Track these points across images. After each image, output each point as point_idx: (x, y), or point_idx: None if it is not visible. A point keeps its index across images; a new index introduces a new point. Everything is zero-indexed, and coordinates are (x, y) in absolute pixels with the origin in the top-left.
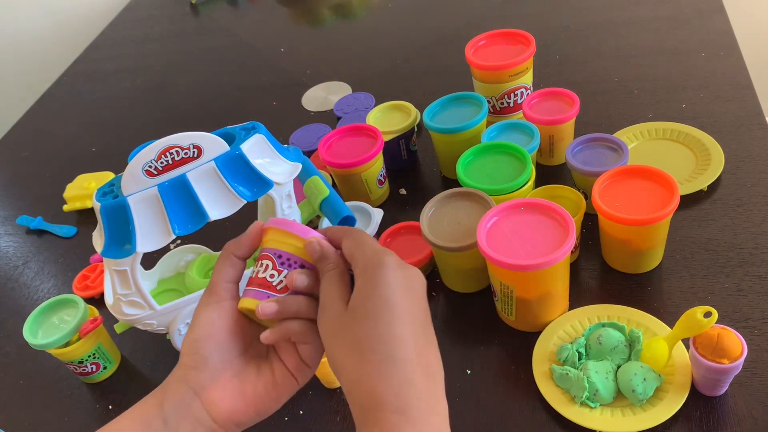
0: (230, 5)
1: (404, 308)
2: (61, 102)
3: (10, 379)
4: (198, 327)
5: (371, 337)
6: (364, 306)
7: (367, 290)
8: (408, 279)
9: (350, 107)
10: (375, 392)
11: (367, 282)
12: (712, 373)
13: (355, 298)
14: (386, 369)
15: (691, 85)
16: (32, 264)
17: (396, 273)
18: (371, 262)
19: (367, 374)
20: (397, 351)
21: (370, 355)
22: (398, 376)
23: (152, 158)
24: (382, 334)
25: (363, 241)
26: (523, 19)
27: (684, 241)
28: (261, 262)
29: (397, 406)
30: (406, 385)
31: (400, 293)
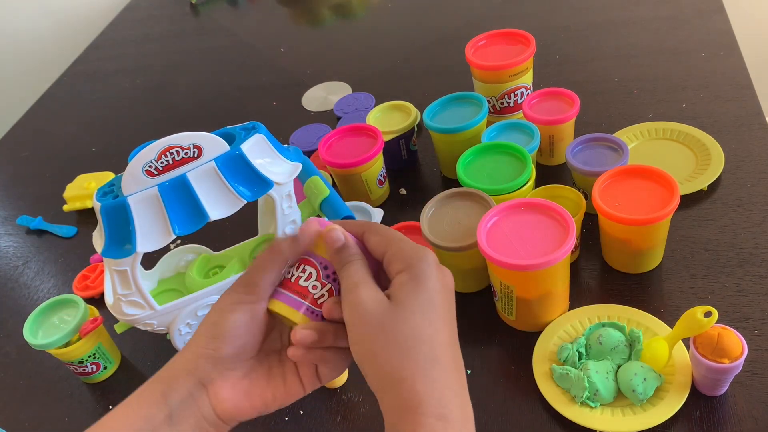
0: (230, 5)
1: (444, 309)
2: (61, 102)
3: (11, 379)
4: (226, 321)
5: (416, 335)
6: (411, 301)
7: (413, 286)
8: (446, 279)
9: (350, 107)
10: (417, 394)
11: (413, 277)
12: (713, 372)
13: (401, 292)
14: (430, 371)
15: (691, 85)
16: (32, 264)
17: (438, 273)
18: (415, 256)
19: (411, 374)
20: (440, 353)
21: (416, 354)
22: (441, 380)
23: (152, 158)
24: (426, 333)
25: (395, 235)
26: (523, 19)
27: (684, 241)
28: (303, 266)
29: (439, 411)
30: (447, 390)
31: (442, 294)
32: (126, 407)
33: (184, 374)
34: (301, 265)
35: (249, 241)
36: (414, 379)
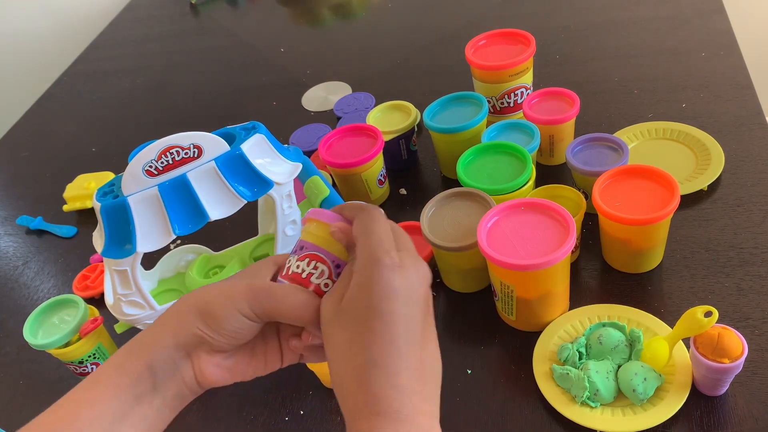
0: (230, 5)
1: (396, 314)
2: (61, 102)
3: (11, 379)
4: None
5: (355, 340)
6: (352, 308)
7: (357, 292)
8: (406, 280)
9: (350, 107)
10: (355, 395)
11: (360, 283)
12: (713, 372)
13: (347, 298)
14: (368, 373)
15: (691, 85)
16: (32, 264)
17: (393, 275)
18: (369, 258)
19: (350, 376)
20: (379, 356)
21: (354, 357)
22: (378, 380)
23: (152, 158)
24: (365, 339)
25: (369, 228)
26: (523, 19)
27: (684, 241)
28: (315, 263)
29: (377, 409)
30: (387, 388)
31: (392, 298)
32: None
33: (173, 347)
34: (312, 261)
35: (249, 241)
36: (352, 381)
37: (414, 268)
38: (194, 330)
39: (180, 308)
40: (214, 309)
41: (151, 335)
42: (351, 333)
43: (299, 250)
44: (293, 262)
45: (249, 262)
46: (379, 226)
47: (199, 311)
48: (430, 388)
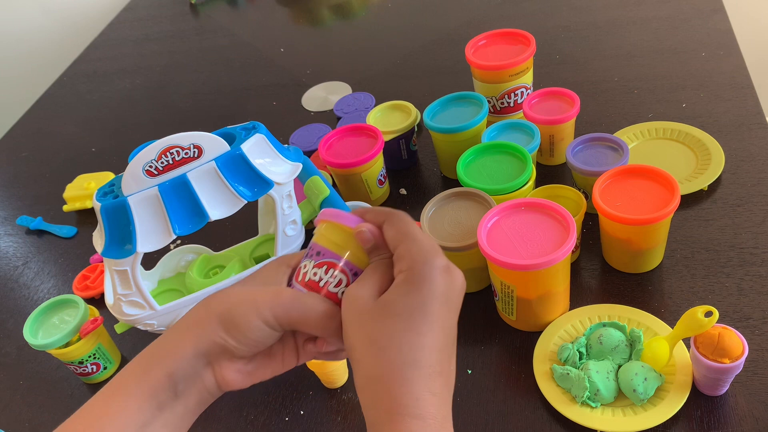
0: (230, 5)
1: (439, 316)
2: (61, 102)
3: (11, 379)
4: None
5: (397, 337)
6: (397, 303)
7: (407, 289)
8: (450, 285)
9: (350, 107)
10: (395, 394)
11: (410, 280)
12: (713, 372)
13: (392, 293)
14: (410, 373)
15: (691, 85)
16: (32, 264)
17: (441, 278)
18: (420, 258)
19: (389, 374)
20: (423, 358)
21: (394, 355)
22: (421, 382)
23: (153, 158)
24: (410, 337)
25: (409, 232)
26: (523, 19)
27: (684, 241)
28: (333, 271)
29: (417, 412)
30: (427, 392)
31: (439, 300)
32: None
33: (193, 355)
34: (330, 269)
35: (249, 241)
36: (392, 379)
37: (459, 275)
38: (216, 339)
39: (201, 315)
40: (237, 318)
41: (171, 342)
42: (394, 330)
43: (315, 255)
44: (309, 268)
45: (249, 263)
46: (419, 231)
47: (220, 320)
48: (451, 397)
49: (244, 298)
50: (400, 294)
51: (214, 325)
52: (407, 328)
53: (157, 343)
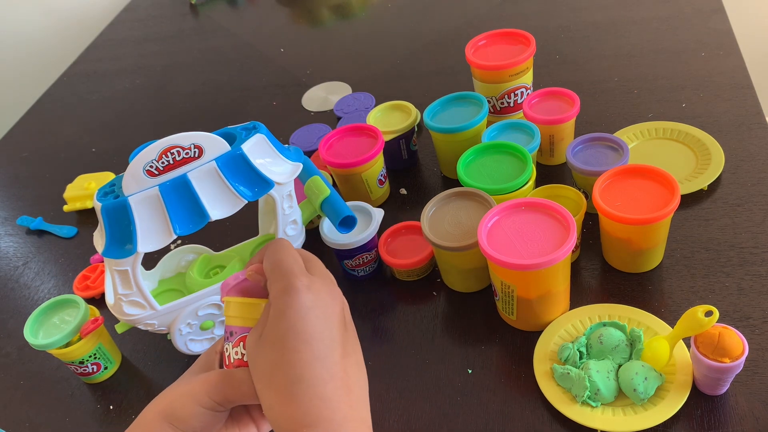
0: (230, 5)
1: (313, 331)
2: (61, 102)
3: (11, 379)
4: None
5: (277, 363)
6: (271, 335)
7: (275, 318)
8: (318, 299)
9: (350, 107)
10: (286, 414)
11: (275, 310)
12: (713, 372)
13: (267, 327)
14: (294, 390)
15: (691, 85)
16: (32, 264)
17: (305, 297)
18: (281, 287)
19: (277, 399)
20: (304, 372)
21: (278, 380)
22: (307, 394)
23: (153, 158)
24: (288, 359)
25: (276, 262)
26: (523, 19)
27: (684, 241)
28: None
29: (307, 421)
30: (315, 400)
31: (309, 317)
32: None
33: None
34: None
35: (249, 241)
36: (281, 402)
37: (325, 288)
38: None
39: (146, 418)
40: (178, 411)
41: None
42: (274, 358)
43: (230, 336)
44: (230, 351)
45: None
46: (286, 255)
47: (164, 416)
48: (356, 396)
49: (181, 390)
50: (272, 325)
51: (159, 423)
52: (284, 351)
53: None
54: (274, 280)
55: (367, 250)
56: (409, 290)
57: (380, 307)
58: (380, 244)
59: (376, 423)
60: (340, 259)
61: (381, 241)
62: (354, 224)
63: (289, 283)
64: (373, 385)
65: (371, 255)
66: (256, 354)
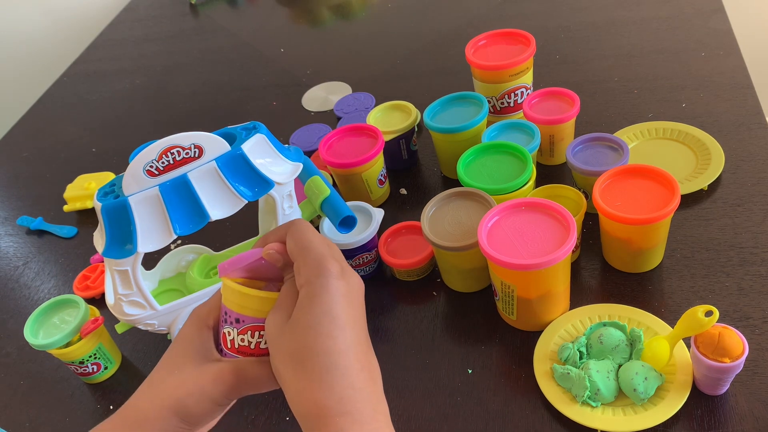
0: (230, 5)
1: (346, 318)
2: (61, 102)
3: (11, 379)
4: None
5: (311, 348)
6: (305, 318)
7: (310, 302)
8: (350, 287)
9: (350, 107)
10: (318, 401)
11: (309, 293)
12: (714, 372)
13: (298, 310)
14: (328, 377)
15: (691, 85)
16: (33, 264)
17: (338, 283)
18: (314, 271)
19: (309, 384)
20: (339, 360)
21: (311, 365)
22: (341, 382)
23: (153, 158)
24: (323, 345)
25: (305, 244)
26: (523, 19)
27: (685, 241)
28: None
29: (341, 410)
30: (349, 389)
31: (342, 303)
32: None
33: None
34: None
35: (249, 241)
36: (312, 388)
37: (354, 275)
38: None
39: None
40: (191, 408)
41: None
42: (307, 343)
43: (236, 323)
44: (235, 336)
45: None
46: (315, 238)
47: (175, 411)
48: (379, 388)
49: (191, 388)
50: (305, 308)
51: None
52: (318, 336)
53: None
54: (304, 262)
55: (367, 250)
56: (409, 290)
57: (380, 307)
58: (380, 244)
59: None
60: None
61: (381, 241)
62: (354, 224)
63: (324, 267)
64: None
65: (371, 255)
66: (284, 338)
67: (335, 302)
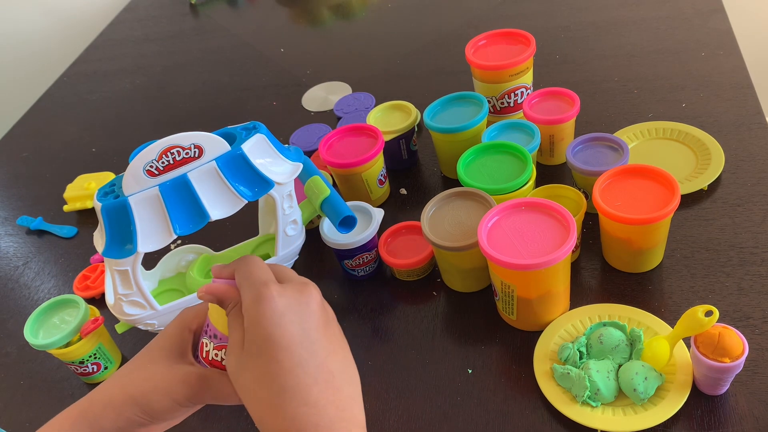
0: (230, 5)
1: (290, 335)
2: (61, 102)
3: (11, 379)
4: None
5: (261, 376)
6: (250, 346)
7: (250, 330)
8: (290, 303)
9: (350, 107)
10: (275, 425)
11: (249, 321)
12: (714, 372)
13: (246, 341)
14: (278, 401)
15: (691, 85)
16: (33, 264)
17: (277, 303)
18: (251, 298)
19: (266, 412)
20: (287, 381)
21: (263, 393)
22: (291, 403)
23: (153, 158)
24: (270, 370)
25: (247, 273)
26: (523, 19)
27: (684, 241)
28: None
29: (297, 428)
30: (301, 407)
31: (284, 323)
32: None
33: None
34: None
35: (249, 241)
36: (268, 414)
37: (294, 290)
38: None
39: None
40: (154, 403)
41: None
42: (256, 372)
43: (214, 338)
44: (211, 349)
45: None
46: (256, 268)
47: (136, 402)
48: (346, 394)
49: (158, 384)
50: (249, 338)
51: (130, 407)
52: (263, 363)
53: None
54: (245, 291)
55: (367, 250)
56: (409, 290)
57: (380, 307)
58: (380, 244)
59: (376, 423)
60: (340, 259)
61: (381, 241)
62: (354, 224)
63: (259, 292)
64: (373, 385)
65: (371, 255)
66: (240, 370)
67: (274, 324)
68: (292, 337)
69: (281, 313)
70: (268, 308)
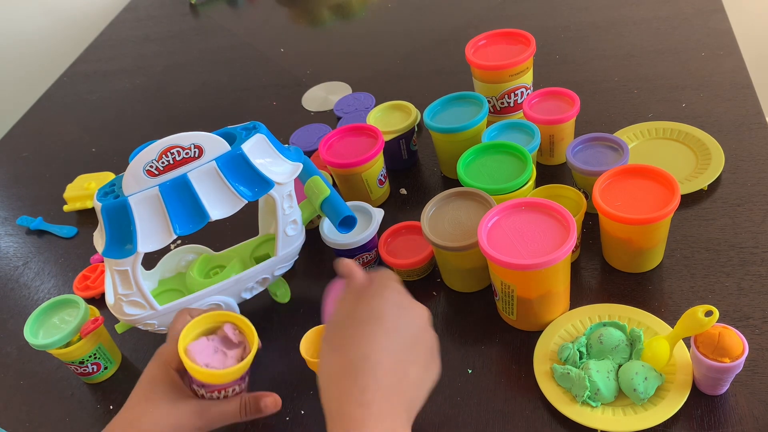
0: (230, 5)
1: (392, 322)
2: (61, 102)
3: (11, 379)
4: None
5: (352, 337)
6: (356, 312)
7: (365, 299)
8: (406, 307)
9: (350, 107)
10: (344, 386)
11: (368, 293)
12: (714, 372)
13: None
14: (359, 364)
15: (691, 85)
16: (33, 264)
17: (396, 295)
18: (379, 280)
19: (340, 369)
20: (372, 353)
21: (347, 353)
22: (367, 373)
23: (153, 158)
24: (363, 336)
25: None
26: (523, 19)
27: (684, 241)
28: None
29: (361, 400)
30: (372, 383)
31: (394, 310)
32: None
33: None
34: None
35: (249, 241)
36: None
37: (417, 305)
38: None
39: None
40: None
41: None
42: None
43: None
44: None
45: (249, 263)
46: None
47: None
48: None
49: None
50: (362, 304)
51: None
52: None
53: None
54: (378, 276)
55: (367, 250)
56: (409, 290)
57: None
58: (380, 244)
59: None
60: None
61: (381, 241)
62: (354, 224)
63: (388, 282)
64: None
65: (371, 255)
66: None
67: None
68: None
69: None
70: (390, 293)
